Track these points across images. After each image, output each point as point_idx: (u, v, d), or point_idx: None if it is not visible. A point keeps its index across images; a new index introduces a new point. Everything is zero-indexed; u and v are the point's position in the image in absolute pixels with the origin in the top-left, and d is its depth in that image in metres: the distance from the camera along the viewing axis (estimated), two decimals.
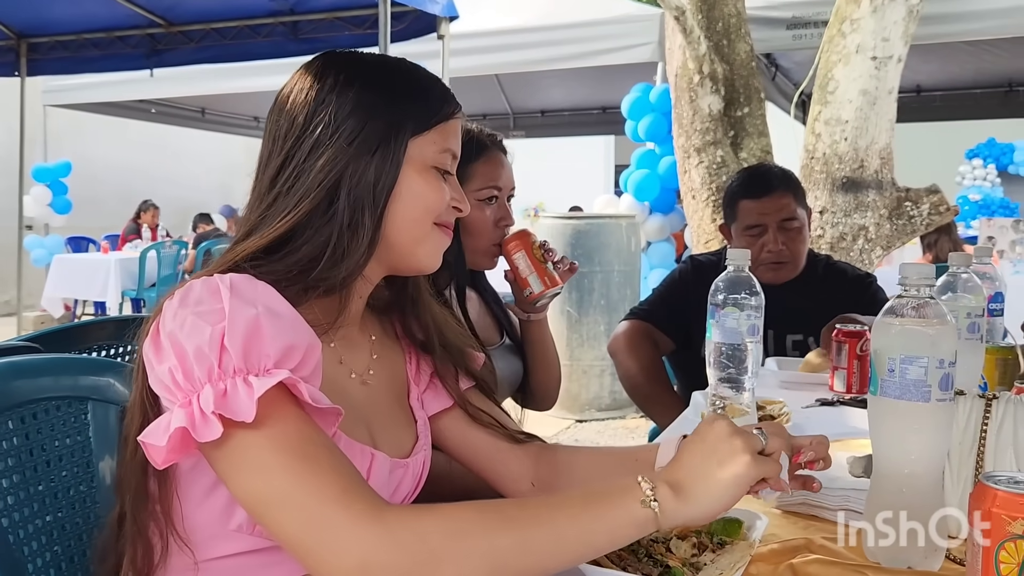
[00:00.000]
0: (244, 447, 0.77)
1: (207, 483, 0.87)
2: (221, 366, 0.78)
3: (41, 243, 8.48)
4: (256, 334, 0.79)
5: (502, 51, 6.23)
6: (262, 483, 0.77)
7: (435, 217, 0.95)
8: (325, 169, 0.89)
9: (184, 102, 9.03)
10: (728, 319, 1.26)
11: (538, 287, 1.56)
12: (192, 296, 0.82)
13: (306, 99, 0.92)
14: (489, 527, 0.74)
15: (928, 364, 0.82)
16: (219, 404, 0.76)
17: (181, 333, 0.79)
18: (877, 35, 3.71)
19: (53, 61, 5.97)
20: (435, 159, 0.95)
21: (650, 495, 0.75)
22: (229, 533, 0.87)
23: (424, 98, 0.95)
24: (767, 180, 2.12)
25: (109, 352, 1.58)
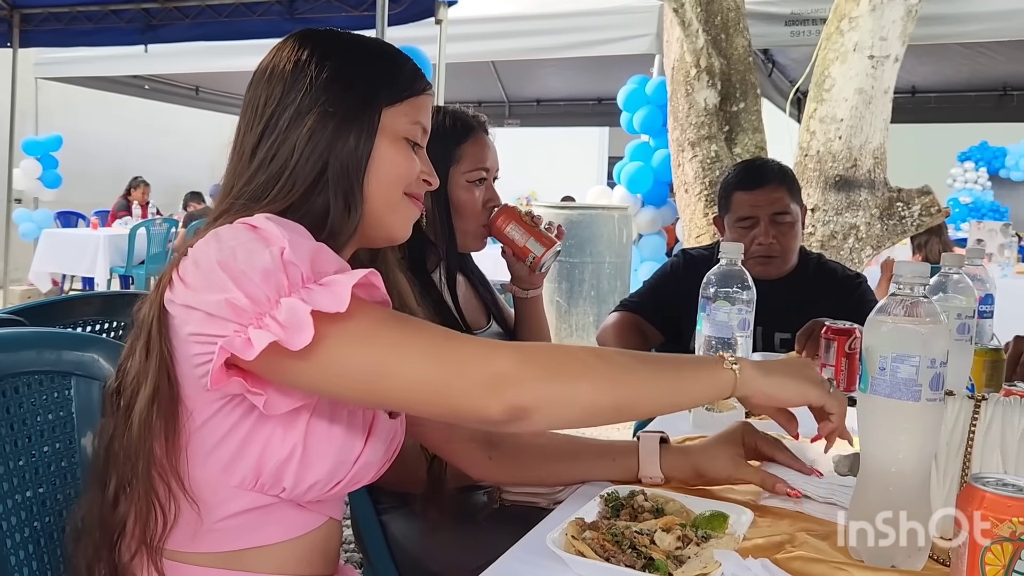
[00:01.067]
0: (343, 339, 0.79)
1: (213, 440, 0.87)
2: (290, 279, 0.80)
3: (30, 217, 8.40)
4: (317, 249, 0.83)
5: (499, 38, 6.21)
6: (378, 357, 0.80)
7: (405, 186, 0.98)
8: (310, 139, 0.92)
9: (178, 79, 8.97)
10: (719, 312, 1.26)
11: (539, 249, 1.57)
12: (227, 234, 0.84)
13: (284, 71, 0.94)
14: (625, 364, 0.87)
15: (920, 363, 0.82)
16: (310, 302, 0.77)
17: (235, 262, 0.80)
18: (875, 34, 3.71)
19: (46, 33, 5.91)
20: (406, 130, 0.97)
21: (733, 362, 0.91)
22: (231, 491, 0.88)
23: (397, 72, 0.98)
24: (762, 173, 2.11)
25: (95, 328, 1.57)
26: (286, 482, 0.88)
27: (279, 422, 0.86)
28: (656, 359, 0.93)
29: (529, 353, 0.83)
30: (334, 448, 0.89)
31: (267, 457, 0.86)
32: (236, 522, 0.90)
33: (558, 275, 4.79)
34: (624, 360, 0.88)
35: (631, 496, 0.96)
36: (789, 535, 0.93)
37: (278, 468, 0.87)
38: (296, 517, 0.93)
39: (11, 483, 1.01)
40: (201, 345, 0.82)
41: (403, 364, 0.80)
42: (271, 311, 0.79)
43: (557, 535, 0.86)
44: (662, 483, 1.07)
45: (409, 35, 4.65)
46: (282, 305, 0.79)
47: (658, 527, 0.87)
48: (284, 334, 0.77)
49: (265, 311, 0.79)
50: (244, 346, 0.78)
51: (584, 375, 0.83)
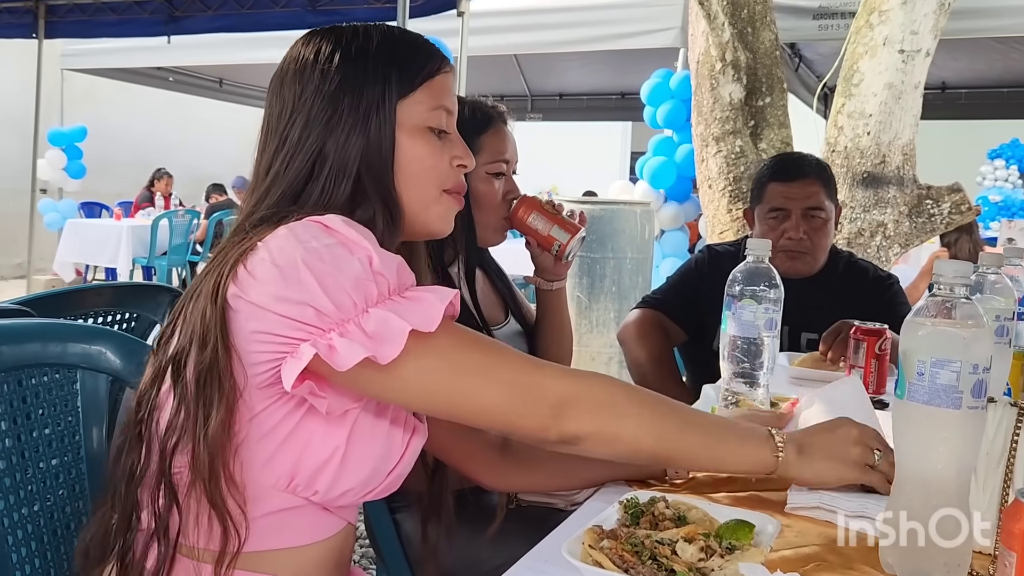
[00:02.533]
0: (430, 356, 0.81)
1: (257, 435, 0.85)
2: (379, 289, 0.80)
3: (54, 207, 8.47)
4: (400, 261, 0.83)
5: (522, 31, 6.17)
6: (457, 374, 0.83)
7: (439, 179, 0.95)
8: (321, 142, 0.90)
9: (202, 71, 9.00)
10: (745, 311, 1.21)
11: (564, 236, 1.54)
12: (306, 234, 0.81)
13: (293, 80, 0.92)
14: (663, 410, 0.90)
15: (961, 369, 0.77)
16: (405, 317, 0.78)
17: (323, 264, 0.79)
18: (906, 28, 3.62)
19: (71, 24, 5.94)
20: (427, 118, 0.94)
21: (780, 446, 0.93)
22: (265, 490, 0.86)
23: (405, 59, 0.94)
24: (799, 165, 2.05)
25: (106, 319, 1.55)
26: (320, 485, 0.86)
27: (323, 422, 0.85)
28: (707, 422, 0.95)
29: (594, 385, 0.88)
30: (374, 455, 0.88)
31: (306, 457, 0.85)
32: (263, 524, 0.87)
33: (579, 271, 4.74)
34: (675, 415, 0.91)
35: (651, 503, 0.92)
36: (818, 547, 0.88)
37: (315, 470, 0.85)
38: (320, 521, 0.91)
39: (13, 478, 0.99)
40: (266, 344, 0.80)
41: (483, 390, 0.84)
42: (357, 319, 0.79)
43: (573, 544, 0.82)
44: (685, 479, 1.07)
45: (431, 28, 4.61)
46: (371, 315, 0.79)
47: (680, 537, 0.83)
48: (373, 346, 0.77)
49: (350, 318, 0.79)
50: (329, 352, 0.78)
51: (635, 418, 0.88)
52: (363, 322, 0.78)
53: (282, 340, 0.80)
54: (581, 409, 0.86)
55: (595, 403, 0.87)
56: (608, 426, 0.87)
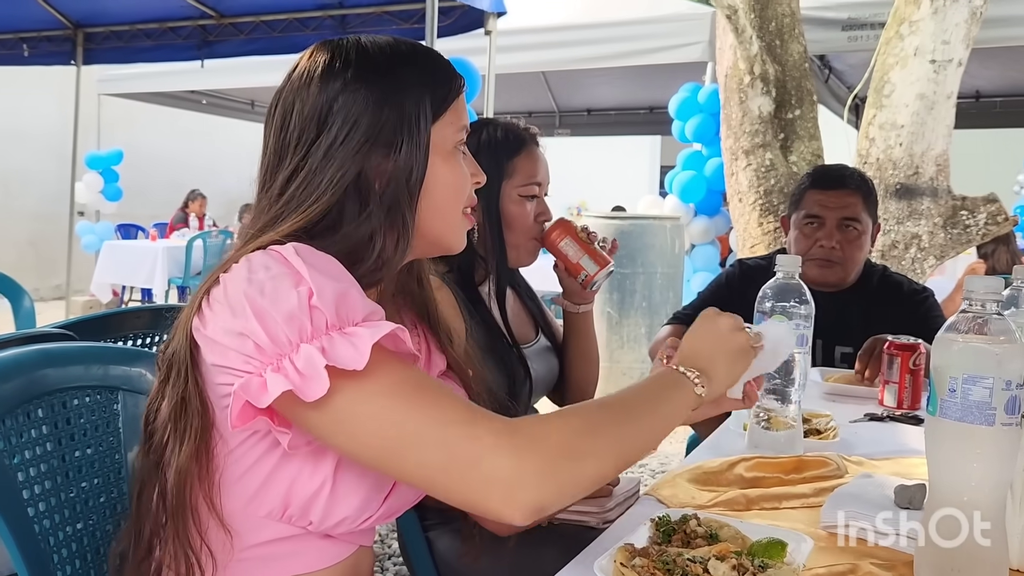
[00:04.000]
0: (357, 398, 0.75)
1: (240, 469, 0.85)
2: (314, 324, 0.76)
3: (92, 229, 8.64)
4: (344, 294, 0.78)
5: (549, 48, 6.19)
6: (389, 428, 0.76)
7: (463, 200, 0.94)
8: (344, 170, 0.85)
9: (234, 94, 9.15)
10: None
11: (593, 268, 1.55)
12: (257, 263, 0.80)
13: (315, 100, 0.87)
14: (612, 420, 0.83)
15: (993, 385, 0.77)
16: (328, 356, 0.74)
17: (261, 298, 0.77)
18: (937, 37, 3.59)
19: (108, 51, 6.09)
20: (455, 139, 0.92)
21: (696, 380, 0.91)
22: (259, 520, 0.86)
23: (434, 79, 0.91)
24: (841, 175, 2.05)
25: (144, 341, 1.58)
26: (313, 516, 0.85)
27: (308, 457, 0.83)
28: (627, 403, 0.86)
29: (528, 445, 0.76)
30: (365, 485, 0.86)
31: (295, 491, 0.84)
32: (265, 551, 0.87)
33: (609, 286, 4.73)
34: (607, 418, 0.83)
35: (683, 520, 0.92)
36: (852, 565, 0.88)
37: (306, 502, 0.84)
38: (326, 547, 0.90)
39: (58, 498, 1.01)
40: (224, 375, 0.80)
41: (419, 451, 0.76)
42: (291, 354, 0.75)
43: (605, 562, 0.82)
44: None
45: (459, 47, 4.65)
46: (301, 351, 0.75)
47: (712, 555, 0.83)
48: (300, 382, 0.74)
49: (285, 353, 0.75)
50: (259, 391, 0.75)
51: (586, 453, 0.79)
52: (295, 358, 0.75)
53: (231, 372, 0.78)
54: (530, 480, 0.75)
55: (541, 463, 0.76)
56: (567, 480, 0.78)
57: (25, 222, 9.60)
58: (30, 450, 0.99)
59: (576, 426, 0.80)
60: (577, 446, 0.78)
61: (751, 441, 1.29)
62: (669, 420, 0.89)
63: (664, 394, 0.90)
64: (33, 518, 0.97)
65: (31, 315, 2.58)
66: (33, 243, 9.51)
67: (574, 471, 0.78)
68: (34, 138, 9.54)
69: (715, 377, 0.93)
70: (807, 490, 1.11)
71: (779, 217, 4.04)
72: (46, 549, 0.97)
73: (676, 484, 1.14)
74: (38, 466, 0.99)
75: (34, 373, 1.00)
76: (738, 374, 0.97)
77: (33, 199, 9.66)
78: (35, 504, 0.98)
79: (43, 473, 1.00)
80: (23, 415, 0.99)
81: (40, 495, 0.99)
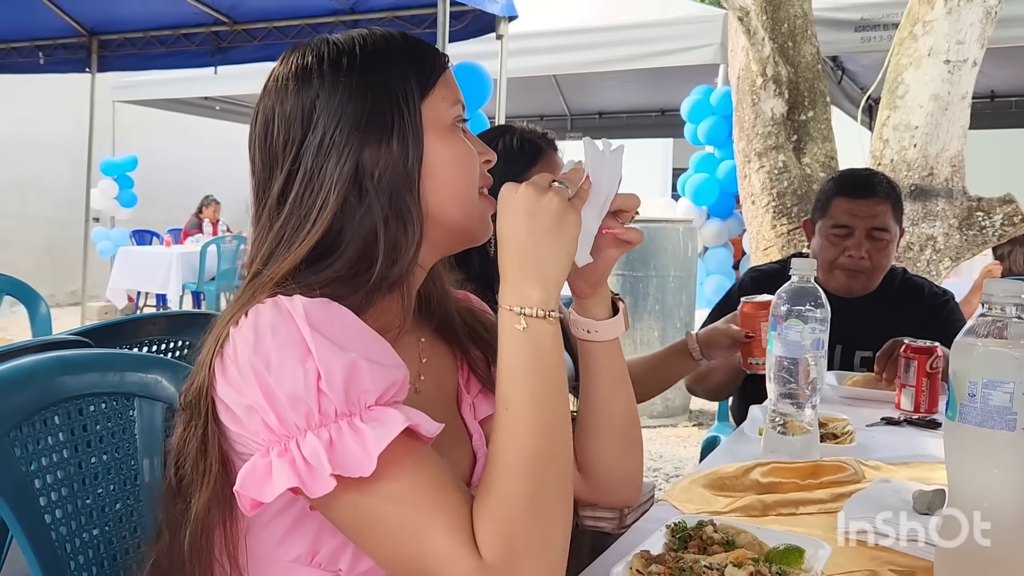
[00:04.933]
0: (355, 504, 0.73)
1: (267, 515, 0.82)
2: (322, 412, 0.72)
3: (107, 235, 8.70)
4: (353, 369, 0.74)
5: (560, 52, 6.20)
6: (373, 537, 0.74)
7: (476, 178, 0.87)
8: (341, 164, 0.81)
9: (247, 100, 9.18)
10: (791, 332, 1.20)
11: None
12: (264, 325, 0.75)
13: (295, 101, 0.83)
14: (526, 460, 0.74)
15: (1014, 390, 0.76)
16: (332, 460, 0.70)
17: (267, 373, 0.73)
18: (951, 38, 3.57)
19: (122, 58, 6.12)
20: (451, 114, 0.86)
21: (527, 313, 0.76)
22: (287, 565, 0.82)
23: (416, 56, 0.86)
24: (870, 183, 2.01)
25: (160, 347, 1.59)
26: (343, 564, 0.81)
27: None
28: (517, 395, 0.76)
29: (507, 549, 0.71)
30: None
31: (323, 538, 0.81)
32: None
33: (621, 289, 4.72)
34: (542, 468, 0.74)
35: (699, 527, 0.92)
36: (871, 571, 0.87)
37: (335, 550, 0.81)
38: None
39: (75, 505, 1.01)
40: (238, 438, 0.77)
41: (390, 559, 0.74)
42: (298, 438, 0.72)
43: (621, 569, 0.82)
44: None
45: (470, 51, 4.66)
46: (308, 440, 0.72)
47: (728, 561, 0.82)
48: (306, 477, 0.71)
49: (292, 436, 0.73)
50: (264, 480, 0.72)
51: (546, 522, 0.73)
52: (302, 444, 0.72)
53: (244, 439, 0.76)
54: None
55: (524, 559, 0.72)
56: (544, 560, 0.73)
57: (41, 228, 9.69)
58: (47, 457, 0.99)
59: (537, 496, 0.73)
60: (541, 538, 0.73)
61: (767, 446, 1.28)
62: (561, 394, 0.77)
63: (527, 367, 0.76)
64: (50, 525, 0.97)
65: (47, 321, 2.60)
66: (49, 249, 9.60)
67: (546, 550, 0.73)
68: (50, 145, 9.63)
69: (547, 278, 0.77)
70: (824, 495, 1.10)
71: (792, 220, 4.03)
72: (62, 556, 0.98)
73: (691, 490, 1.14)
74: (55, 473, 1.00)
75: (50, 380, 1.01)
76: (567, 245, 0.78)
77: (49, 206, 9.74)
78: (52, 511, 0.98)
79: (59, 480, 1.00)
80: (40, 422, 0.99)
81: (57, 502, 0.99)
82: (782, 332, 1.22)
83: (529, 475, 0.73)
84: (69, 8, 5.58)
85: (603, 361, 0.97)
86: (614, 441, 1.00)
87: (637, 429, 1.03)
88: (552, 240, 0.77)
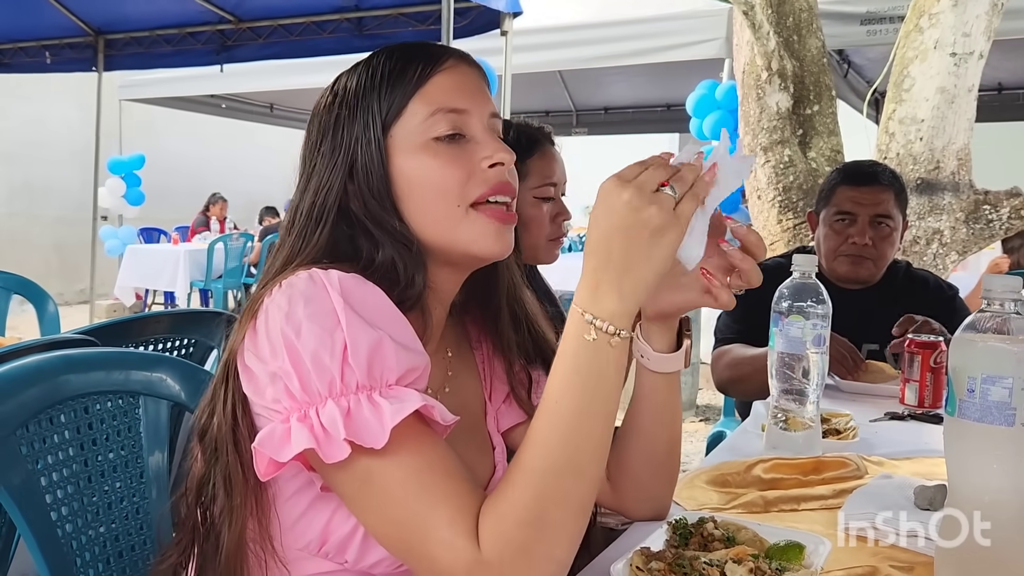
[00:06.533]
0: (367, 474, 0.74)
1: (280, 500, 0.83)
2: (344, 381, 0.74)
3: (115, 234, 8.74)
4: (378, 347, 0.75)
5: (565, 47, 6.18)
6: (378, 511, 0.75)
7: (455, 192, 0.84)
8: (328, 192, 0.86)
9: (253, 97, 9.21)
10: (792, 328, 1.20)
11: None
12: (297, 293, 0.77)
13: (309, 129, 0.90)
14: (551, 470, 0.72)
15: (1013, 385, 0.76)
16: (348, 427, 0.72)
17: (297, 340, 0.75)
18: (957, 30, 3.55)
19: (128, 57, 6.14)
20: (427, 131, 0.85)
21: (597, 325, 0.73)
22: (296, 552, 0.84)
23: (391, 79, 0.86)
24: (873, 172, 2.03)
25: (165, 346, 1.60)
26: (349, 555, 0.83)
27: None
28: (562, 401, 0.74)
29: (505, 547, 0.71)
30: None
31: (332, 528, 0.82)
32: None
33: None
34: (568, 468, 0.73)
35: (700, 523, 0.92)
36: (871, 567, 0.87)
37: (342, 540, 0.82)
38: None
39: (80, 502, 1.02)
40: (262, 410, 0.79)
41: (395, 539, 0.75)
42: (319, 406, 0.74)
43: (621, 566, 0.82)
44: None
45: (475, 47, 4.62)
46: (328, 407, 0.73)
47: (729, 558, 0.83)
48: (323, 441, 0.72)
49: (313, 403, 0.74)
50: (283, 441, 0.74)
51: (553, 535, 0.72)
52: (321, 411, 0.73)
53: (265, 408, 0.78)
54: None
55: (523, 553, 0.71)
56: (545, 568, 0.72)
57: (50, 227, 9.74)
58: (53, 455, 1.00)
59: (540, 499, 0.72)
60: (545, 517, 0.71)
61: (769, 442, 1.28)
62: (606, 403, 0.74)
63: (583, 375, 0.73)
64: (56, 522, 0.98)
65: (55, 319, 2.62)
66: (58, 248, 9.64)
67: (547, 557, 0.72)
68: (57, 145, 9.68)
69: (630, 293, 0.73)
70: (826, 491, 1.10)
71: (798, 214, 4.02)
72: (69, 553, 0.99)
73: (694, 486, 1.14)
74: (60, 471, 1.01)
75: (56, 379, 1.02)
76: (658, 264, 0.73)
77: (57, 205, 9.79)
78: (58, 508, 0.99)
79: (65, 477, 1.01)
80: (46, 420, 1.00)
81: (63, 499, 1.00)
82: (784, 328, 1.22)
83: (549, 484, 0.72)
84: (75, 7, 5.59)
85: (652, 390, 0.95)
86: (650, 465, 0.98)
87: (676, 459, 0.99)
88: (644, 258, 0.73)
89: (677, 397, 0.96)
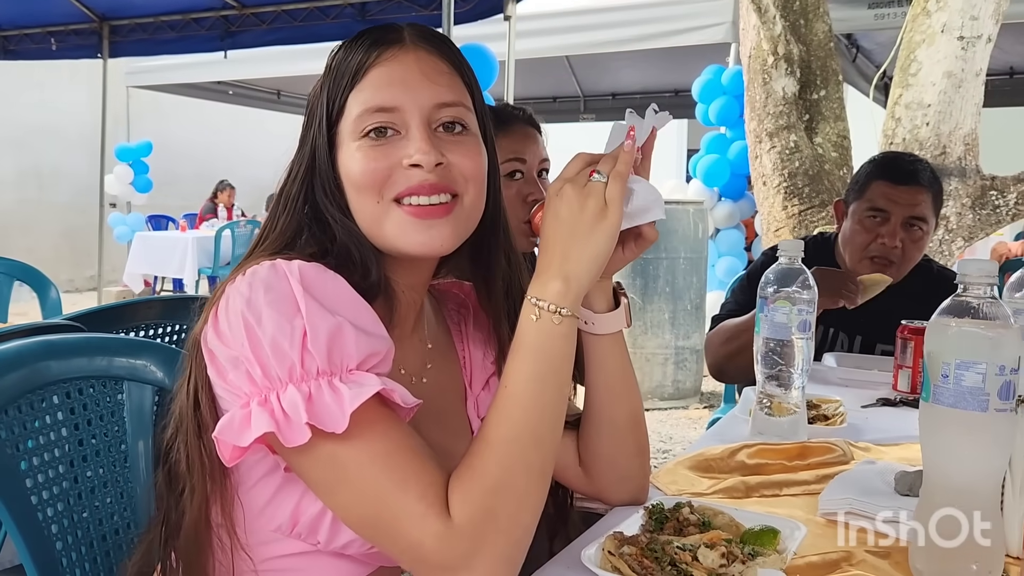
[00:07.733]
0: (331, 457, 0.75)
1: (249, 482, 0.84)
2: (304, 367, 0.75)
3: (123, 220, 8.77)
4: (337, 333, 0.76)
5: (572, 32, 6.16)
6: (345, 493, 0.76)
7: (375, 187, 0.85)
8: (294, 184, 0.90)
9: (260, 84, 9.21)
10: (778, 313, 1.19)
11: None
12: (259, 281, 0.78)
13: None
14: (514, 440, 0.76)
15: (987, 370, 0.75)
16: (309, 412, 0.73)
17: (258, 327, 0.76)
18: (965, 13, 3.51)
19: (133, 43, 6.15)
20: (357, 128, 0.86)
21: (540, 306, 0.79)
22: (269, 534, 0.85)
23: (335, 75, 0.88)
24: (914, 170, 1.90)
25: (156, 332, 1.60)
26: (320, 535, 0.84)
27: None
28: (516, 379, 0.79)
29: (474, 524, 0.73)
30: None
31: (302, 509, 0.83)
32: (280, 565, 0.86)
33: (632, 271, 4.71)
34: (532, 440, 0.77)
35: (676, 508, 0.92)
36: (846, 552, 0.87)
37: (312, 521, 0.83)
38: (342, 567, 0.86)
39: (61, 486, 1.03)
40: (224, 392, 0.80)
41: (366, 524, 0.76)
42: (279, 391, 0.75)
43: (593, 551, 0.82)
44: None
45: (477, 33, 4.64)
46: (288, 392, 0.74)
47: (702, 543, 0.83)
48: (283, 425, 0.73)
49: (274, 388, 0.75)
50: (243, 426, 0.75)
51: (517, 500, 0.75)
52: (282, 396, 0.74)
53: (226, 391, 0.79)
54: (475, 553, 0.73)
55: (481, 533, 0.74)
56: (508, 540, 0.75)
57: (59, 214, 9.79)
58: (33, 439, 1.01)
59: (502, 460, 0.75)
60: (505, 493, 0.75)
61: (754, 427, 1.28)
62: (560, 380, 0.79)
63: (534, 354, 0.78)
64: (36, 506, 0.99)
65: (57, 306, 2.63)
66: (67, 235, 9.69)
67: (511, 529, 0.75)
68: (66, 132, 9.70)
69: (576, 278, 0.79)
70: (809, 477, 1.10)
71: (803, 200, 4.00)
72: (49, 536, 0.99)
73: (676, 472, 1.14)
74: (41, 455, 1.01)
75: (36, 364, 1.02)
76: (598, 245, 0.80)
77: (66, 192, 9.83)
78: (39, 492, 1.00)
79: (47, 462, 1.02)
80: (26, 405, 1.01)
81: (44, 483, 1.01)
82: (769, 314, 1.21)
83: (511, 452, 0.76)
84: None
85: (603, 356, 0.95)
86: (614, 441, 0.97)
87: (641, 431, 0.99)
88: (584, 242, 0.80)
89: (628, 366, 0.97)
